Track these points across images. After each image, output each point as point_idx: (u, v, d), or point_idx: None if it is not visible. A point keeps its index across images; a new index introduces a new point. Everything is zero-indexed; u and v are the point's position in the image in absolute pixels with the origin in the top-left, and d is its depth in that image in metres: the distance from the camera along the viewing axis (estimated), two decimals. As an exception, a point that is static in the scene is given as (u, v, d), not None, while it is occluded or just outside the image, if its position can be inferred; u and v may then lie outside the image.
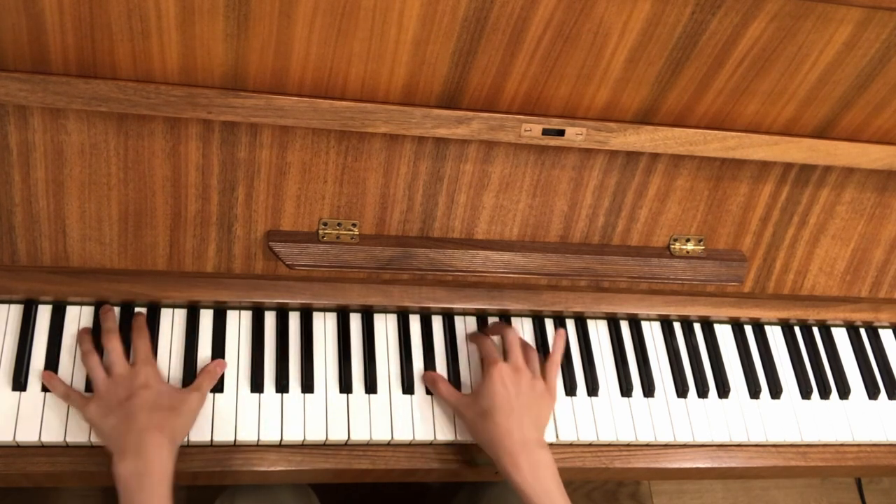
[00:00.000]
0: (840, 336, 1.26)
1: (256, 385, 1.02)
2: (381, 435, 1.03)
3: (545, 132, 0.96)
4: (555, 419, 1.08)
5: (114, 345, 0.97)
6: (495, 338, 1.10)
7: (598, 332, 1.17)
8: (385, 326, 1.10)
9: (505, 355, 1.05)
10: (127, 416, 0.89)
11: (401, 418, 1.04)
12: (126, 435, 0.88)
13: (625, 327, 1.18)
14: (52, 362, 0.99)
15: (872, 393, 1.22)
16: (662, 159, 1.05)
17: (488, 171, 1.02)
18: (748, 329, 1.23)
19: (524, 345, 1.08)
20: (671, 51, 0.91)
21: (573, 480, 1.78)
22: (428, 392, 1.07)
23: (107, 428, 0.90)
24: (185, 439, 0.98)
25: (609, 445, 1.10)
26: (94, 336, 1.00)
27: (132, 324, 1.02)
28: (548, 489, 0.92)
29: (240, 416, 1.00)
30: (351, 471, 1.02)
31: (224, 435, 0.99)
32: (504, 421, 0.96)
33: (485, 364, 1.03)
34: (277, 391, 1.03)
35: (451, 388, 1.05)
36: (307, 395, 1.04)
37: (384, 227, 1.04)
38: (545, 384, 1.03)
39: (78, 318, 1.03)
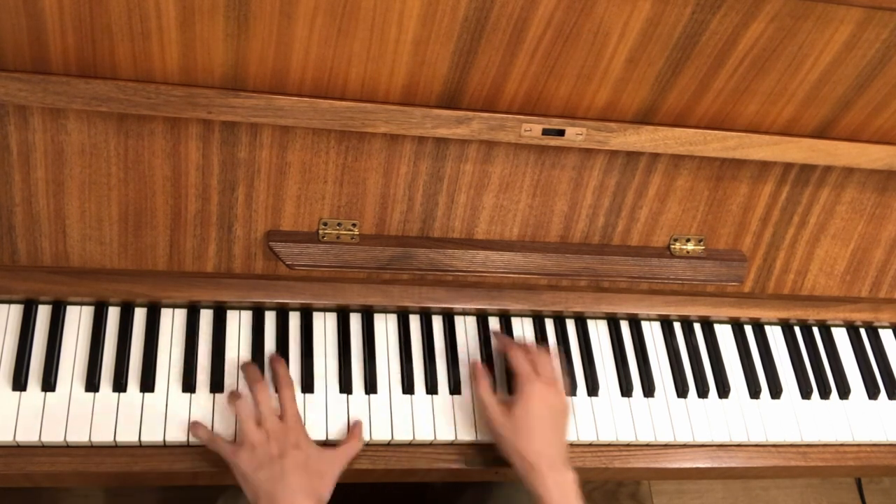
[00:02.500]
0: (840, 336, 1.26)
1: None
2: (381, 435, 1.03)
3: (545, 132, 0.97)
4: (555, 419, 1.08)
5: (264, 396, 0.98)
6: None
7: (598, 332, 1.17)
8: (385, 326, 1.10)
9: (536, 370, 1.04)
10: (280, 473, 0.92)
11: (401, 418, 1.04)
12: (277, 492, 0.91)
13: (625, 327, 1.18)
14: (51, 362, 0.99)
15: (872, 393, 1.22)
16: (662, 159, 1.05)
17: (488, 171, 1.02)
18: (748, 329, 1.23)
19: (548, 353, 1.08)
20: (671, 51, 0.91)
21: (573, 480, 1.78)
22: (428, 392, 1.07)
23: (256, 480, 0.92)
24: (186, 440, 0.98)
25: (609, 445, 1.10)
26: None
27: (275, 372, 1.02)
28: None
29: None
30: (351, 471, 1.02)
31: (224, 435, 0.99)
32: (538, 440, 0.98)
33: (521, 380, 1.02)
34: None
35: (490, 392, 1.04)
36: (307, 395, 1.04)
37: (384, 227, 1.04)
38: (567, 398, 1.05)
39: (78, 318, 1.03)
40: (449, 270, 1.06)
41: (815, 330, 1.26)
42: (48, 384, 0.97)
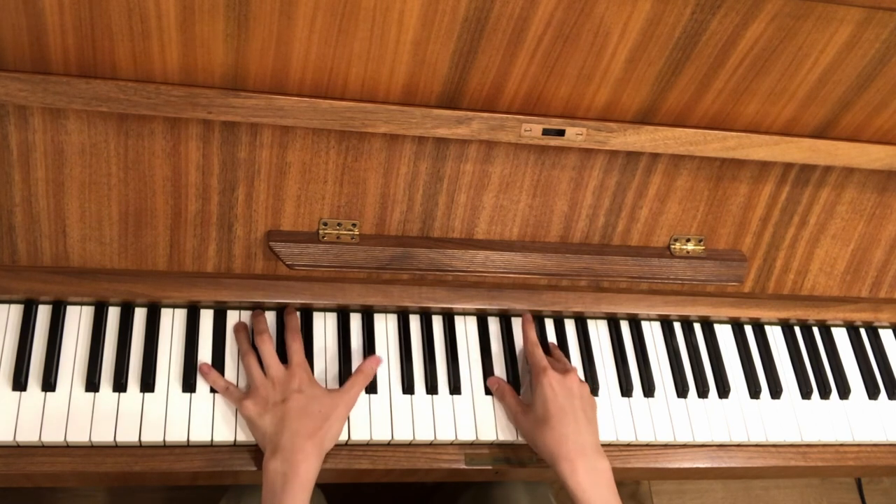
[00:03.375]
0: (840, 336, 1.26)
1: (256, 385, 1.02)
2: (382, 435, 1.03)
3: (545, 132, 0.97)
4: (555, 419, 1.08)
5: (268, 347, 1.01)
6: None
7: (598, 332, 1.17)
8: (385, 326, 1.10)
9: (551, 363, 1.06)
10: (282, 418, 0.94)
11: (401, 418, 1.04)
12: (280, 435, 0.93)
13: (625, 327, 1.18)
14: (51, 362, 0.99)
15: (872, 393, 1.22)
16: (662, 159, 1.05)
17: (488, 171, 1.02)
18: (748, 329, 1.23)
19: (559, 357, 1.10)
20: (671, 51, 0.91)
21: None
22: (428, 392, 1.07)
23: (262, 425, 0.95)
24: (186, 440, 0.98)
25: (609, 445, 1.10)
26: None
27: (287, 324, 1.05)
28: (605, 497, 0.94)
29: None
30: (351, 471, 1.02)
31: (224, 435, 0.99)
32: (559, 426, 0.97)
33: (534, 372, 1.04)
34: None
35: (515, 398, 1.05)
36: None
37: (384, 227, 1.04)
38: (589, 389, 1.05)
39: (78, 318, 1.03)
40: (449, 270, 1.06)
41: (815, 330, 1.26)
42: (48, 384, 0.97)
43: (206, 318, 1.06)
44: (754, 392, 1.17)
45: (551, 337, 1.15)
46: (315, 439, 0.93)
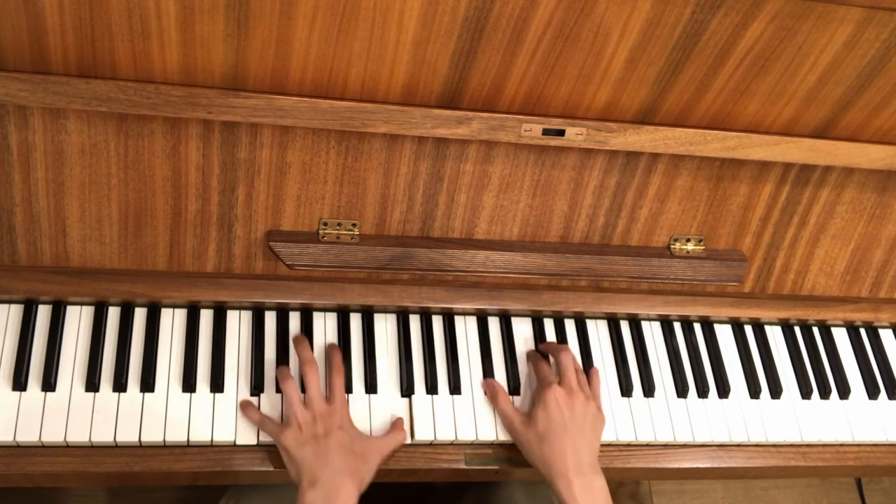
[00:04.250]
0: (840, 336, 1.26)
1: (257, 386, 1.02)
2: (381, 434, 1.03)
3: (545, 132, 0.97)
4: (555, 419, 1.08)
5: (314, 377, 1.00)
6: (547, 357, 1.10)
7: (598, 332, 1.17)
8: (385, 326, 1.10)
9: (559, 378, 1.05)
10: (324, 452, 0.94)
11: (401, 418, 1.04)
12: (320, 468, 0.92)
13: (625, 327, 1.18)
14: (51, 362, 0.99)
15: (872, 393, 1.22)
16: (662, 159, 1.05)
17: (488, 171, 1.02)
18: (748, 329, 1.23)
19: (577, 368, 1.09)
20: (671, 51, 0.91)
21: (573, 480, 1.78)
22: (428, 392, 1.07)
23: (301, 457, 0.94)
24: (186, 440, 0.98)
25: (609, 445, 1.10)
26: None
27: (330, 358, 1.04)
28: None
29: (240, 416, 1.00)
30: (351, 471, 1.02)
31: (224, 435, 0.99)
32: (559, 443, 0.98)
33: (540, 385, 1.04)
34: (278, 391, 1.03)
35: (510, 405, 1.05)
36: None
37: (384, 227, 1.04)
38: (598, 406, 1.05)
39: (78, 318, 1.03)
40: (449, 270, 1.06)
41: (815, 330, 1.26)
42: (48, 384, 0.97)
43: (206, 318, 1.06)
44: (754, 392, 1.17)
45: (551, 337, 1.15)
46: (356, 479, 0.93)
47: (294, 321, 1.08)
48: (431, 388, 1.07)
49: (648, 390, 1.13)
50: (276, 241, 1.01)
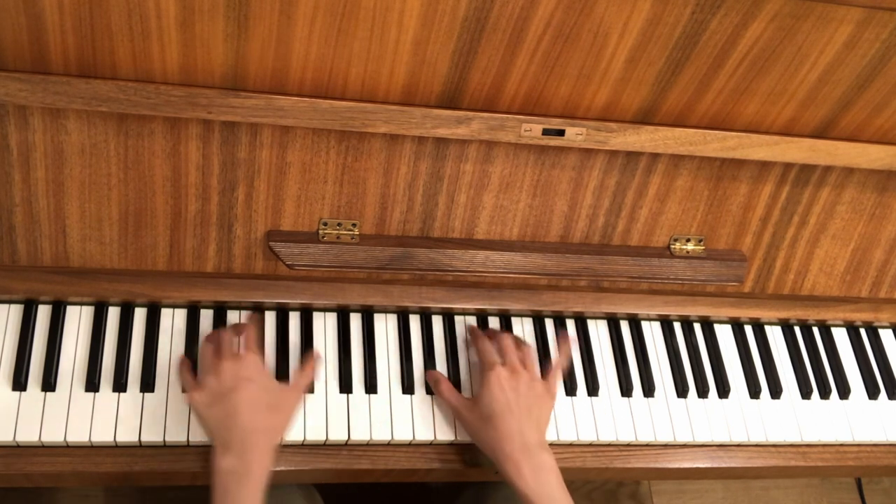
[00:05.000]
0: (840, 336, 1.26)
1: (256, 385, 1.02)
2: (381, 435, 1.03)
3: (545, 132, 0.97)
4: (555, 419, 1.08)
5: (227, 336, 0.97)
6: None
7: (598, 332, 1.17)
8: (385, 326, 1.10)
9: (501, 358, 1.04)
10: (233, 410, 0.89)
11: (401, 418, 1.04)
12: (230, 431, 0.88)
13: (625, 327, 1.18)
14: (51, 362, 0.99)
15: (872, 393, 1.22)
16: (662, 159, 1.05)
17: (488, 171, 1.02)
18: (748, 329, 1.23)
19: (518, 344, 1.07)
20: (671, 51, 0.91)
21: (573, 480, 1.77)
22: (428, 392, 1.07)
23: (210, 419, 0.90)
24: (186, 440, 0.98)
25: (609, 445, 1.10)
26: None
27: (248, 317, 1.04)
28: (551, 493, 0.92)
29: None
30: (351, 471, 1.02)
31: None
32: (504, 425, 0.96)
33: (483, 368, 1.03)
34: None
35: (453, 391, 1.04)
36: (307, 395, 1.04)
37: (384, 227, 1.04)
38: (545, 385, 1.03)
39: (78, 318, 1.03)
40: (449, 270, 1.06)
41: (815, 330, 1.26)
42: (48, 384, 0.97)
43: (206, 319, 1.06)
44: (754, 392, 1.17)
45: (551, 337, 1.15)
46: (269, 434, 0.90)
47: (294, 321, 1.08)
48: (431, 389, 1.07)
49: (648, 390, 1.13)
50: (276, 241, 1.01)
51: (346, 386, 1.05)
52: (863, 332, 1.27)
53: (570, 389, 1.11)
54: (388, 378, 1.07)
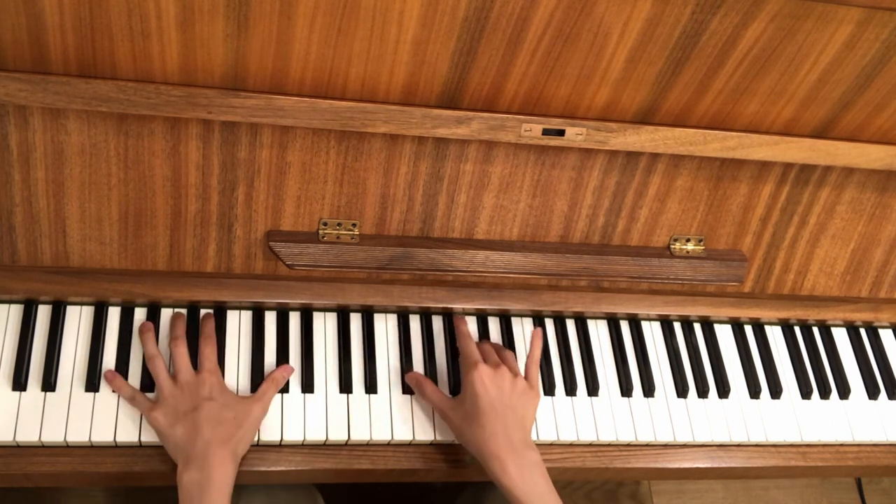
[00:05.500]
0: (840, 336, 1.26)
1: (257, 386, 1.02)
2: (381, 435, 1.03)
3: (545, 132, 0.97)
4: (555, 419, 1.08)
5: (181, 351, 0.98)
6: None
7: (598, 332, 1.17)
8: (385, 326, 1.10)
9: (484, 357, 1.04)
10: (193, 427, 0.91)
11: (401, 418, 1.04)
12: (192, 445, 0.90)
13: (625, 327, 1.18)
14: (51, 362, 0.99)
15: (872, 393, 1.22)
16: (662, 159, 1.05)
17: (488, 171, 1.02)
18: (748, 329, 1.23)
19: (498, 347, 1.09)
20: (671, 51, 0.91)
21: (573, 480, 1.78)
22: (428, 392, 1.07)
23: (173, 436, 0.92)
24: (185, 439, 0.98)
25: (609, 445, 1.10)
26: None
27: (201, 329, 1.03)
28: (538, 490, 0.92)
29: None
30: (351, 471, 1.02)
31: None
32: (488, 423, 0.96)
33: (466, 367, 1.02)
34: (278, 391, 1.03)
35: (436, 391, 1.04)
36: (307, 395, 1.04)
37: (384, 227, 1.04)
38: (527, 382, 1.02)
39: (78, 318, 1.03)
40: (449, 270, 1.06)
41: (815, 330, 1.26)
42: (48, 384, 0.97)
43: (206, 318, 1.06)
44: (754, 392, 1.17)
45: (552, 337, 1.15)
46: (229, 446, 0.91)
47: (294, 321, 1.08)
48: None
49: (648, 390, 1.13)
50: (276, 241, 1.01)
51: (346, 386, 1.05)
52: (863, 332, 1.27)
53: (570, 389, 1.11)
54: (388, 378, 1.07)
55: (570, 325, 1.17)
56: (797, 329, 1.25)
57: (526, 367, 1.05)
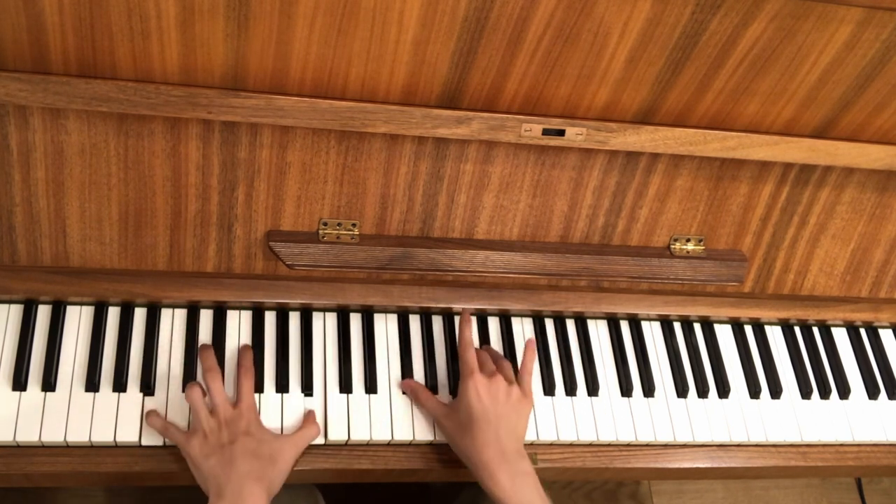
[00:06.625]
0: (840, 336, 1.26)
1: (257, 385, 1.02)
2: (381, 435, 1.03)
3: (545, 132, 0.97)
4: (555, 419, 1.08)
5: (216, 384, 0.97)
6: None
7: (598, 332, 1.17)
8: (385, 326, 1.10)
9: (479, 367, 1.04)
10: (229, 461, 0.91)
11: (401, 418, 1.04)
12: (226, 479, 0.90)
13: (625, 327, 1.18)
14: (51, 362, 0.99)
15: (872, 393, 1.22)
16: (662, 159, 1.05)
17: (488, 171, 1.02)
18: (748, 329, 1.23)
19: (496, 355, 1.09)
20: (671, 51, 0.91)
21: (573, 480, 1.78)
22: (428, 392, 1.07)
23: (206, 468, 0.92)
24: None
25: (609, 445, 1.10)
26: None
27: (240, 361, 1.02)
28: (529, 500, 0.92)
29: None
30: (351, 471, 1.02)
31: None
32: (481, 433, 0.96)
33: (462, 375, 1.02)
34: (277, 391, 1.03)
35: (431, 398, 1.04)
36: (307, 396, 1.04)
37: (384, 227, 1.04)
38: (521, 390, 1.02)
39: (78, 318, 1.03)
40: (449, 270, 1.06)
41: (815, 330, 1.26)
42: (48, 384, 0.97)
43: (206, 319, 1.06)
44: (754, 392, 1.17)
45: (552, 337, 1.15)
46: (263, 482, 0.90)
47: (294, 321, 1.08)
48: (431, 389, 1.07)
49: (648, 390, 1.13)
50: (276, 241, 1.01)
51: (346, 386, 1.05)
52: (863, 332, 1.27)
53: (570, 389, 1.11)
54: (388, 378, 1.07)
55: (570, 325, 1.17)
56: (797, 329, 1.25)
57: (519, 377, 1.06)
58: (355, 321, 1.10)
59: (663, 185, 1.07)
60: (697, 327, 1.21)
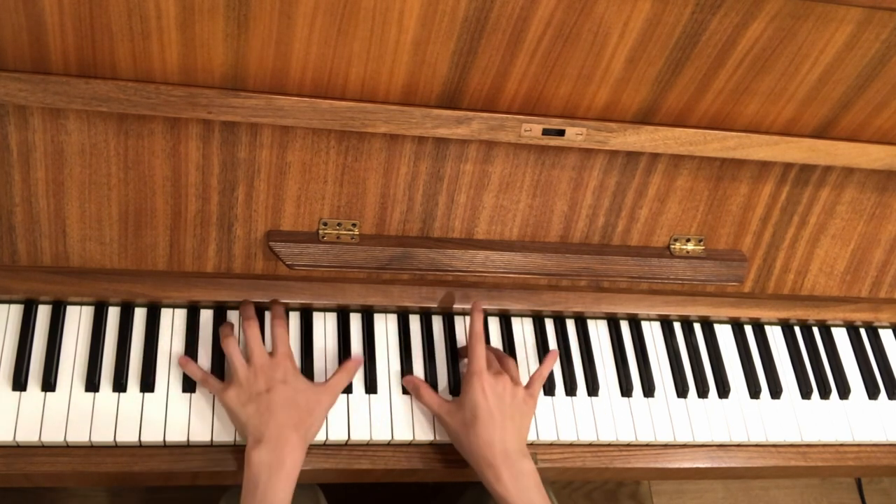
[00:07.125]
0: (840, 336, 1.26)
1: (256, 385, 1.02)
2: (381, 435, 1.03)
3: (545, 132, 0.97)
4: (555, 419, 1.08)
5: (254, 332, 0.99)
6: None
7: (598, 332, 1.17)
8: (385, 326, 1.10)
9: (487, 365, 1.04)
10: (267, 408, 0.93)
11: (401, 418, 1.04)
12: (265, 425, 0.92)
13: (625, 327, 1.18)
14: (51, 362, 0.99)
15: (872, 393, 1.22)
16: (662, 159, 1.05)
17: (488, 171, 1.02)
18: (748, 329, 1.23)
19: (500, 354, 1.09)
20: (671, 51, 0.91)
21: (573, 480, 1.78)
22: (428, 392, 1.07)
23: (244, 415, 0.93)
24: (186, 440, 0.98)
25: (609, 445, 1.10)
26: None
27: (272, 311, 1.04)
28: (531, 499, 0.92)
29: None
30: (351, 471, 1.02)
31: (224, 435, 0.99)
32: (485, 432, 0.96)
33: (468, 372, 1.02)
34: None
35: (434, 395, 1.04)
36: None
37: (384, 227, 1.04)
38: (527, 391, 1.03)
39: (78, 318, 1.03)
40: (449, 270, 1.06)
41: (815, 330, 1.26)
42: (48, 384, 0.97)
43: (206, 318, 1.06)
44: (754, 392, 1.17)
45: (551, 337, 1.15)
46: (300, 431, 0.92)
47: (294, 321, 1.08)
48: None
49: (648, 390, 1.13)
50: (276, 241, 1.01)
51: (345, 386, 1.05)
52: (863, 332, 1.27)
53: (570, 389, 1.11)
54: (388, 378, 1.07)
55: (570, 325, 1.17)
56: (797, 329, 1.25)
57: (531, 379, 1.05)
58: (355, 321, 1.10)
59: (663, 185, 1.07)
60: (697, 327, 1.21)
